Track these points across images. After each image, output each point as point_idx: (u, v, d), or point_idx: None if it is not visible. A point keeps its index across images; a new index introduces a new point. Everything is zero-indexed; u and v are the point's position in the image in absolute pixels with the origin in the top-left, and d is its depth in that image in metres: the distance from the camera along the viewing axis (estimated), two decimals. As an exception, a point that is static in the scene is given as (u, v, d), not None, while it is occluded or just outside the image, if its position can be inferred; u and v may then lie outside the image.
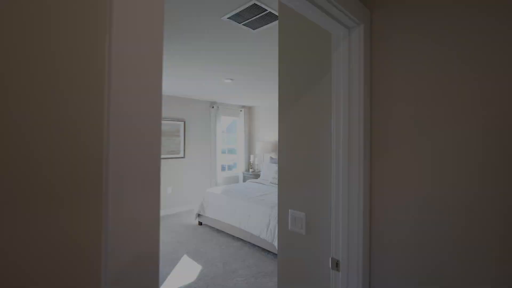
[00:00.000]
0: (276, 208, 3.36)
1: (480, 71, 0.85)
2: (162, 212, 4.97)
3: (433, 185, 0.93)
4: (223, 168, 6.34)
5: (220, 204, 4.04)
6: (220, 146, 5.83)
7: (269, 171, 5.24)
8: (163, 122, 4.95)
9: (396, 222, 1.02)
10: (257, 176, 5.83)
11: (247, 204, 3.67)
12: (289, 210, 1.35)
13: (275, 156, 5.91)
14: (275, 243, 3.13)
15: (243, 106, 6.47)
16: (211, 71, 3.31)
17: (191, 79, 3.70)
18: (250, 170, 6.14)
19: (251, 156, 6.21)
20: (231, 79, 3.70)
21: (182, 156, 5.27)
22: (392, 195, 1.03)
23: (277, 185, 4.96)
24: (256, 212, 3.50)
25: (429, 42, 0.94)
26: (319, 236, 1.20)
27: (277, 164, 5.29)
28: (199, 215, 4.40)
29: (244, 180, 6.13)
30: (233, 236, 3.93)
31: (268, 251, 3.41)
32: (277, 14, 1.72)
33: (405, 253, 1.00)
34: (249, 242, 3.69)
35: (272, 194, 4.06)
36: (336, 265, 1.12)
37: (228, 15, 1.76)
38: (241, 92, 4.65)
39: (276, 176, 4.82)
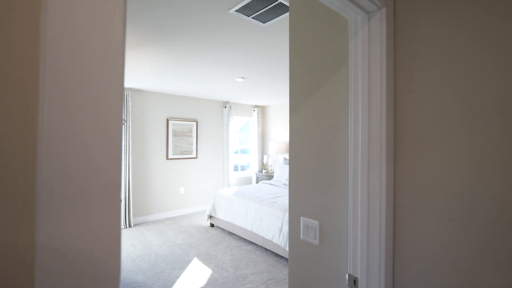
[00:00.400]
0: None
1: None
2: (174, 213, 4.95)
3: (473, 193, 0.78)
4: (235, 168, 6.26)
5: (231, 206, 3.96)
6: (233, 146, 5.75)
7: (283, 172, 5.10)
8: (175, 122, 4.93)
9: (426, 237, 0.87)
10: (270, 177, 5.71)
11: (259, 206, 3.56)
12: (301, 217, 1.22)
13: (289, 157, 5.76)
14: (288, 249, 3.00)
15: (256, 106, 6.37)
16: (223, 70, 3.23)
17: (203, 79, 3.63)
18: (264, 171, 6.03)
19: (264, 157, 6.09)
20: (242, 78, 3.61)
21: (195, 156, 5.23)
22: (420, 205, 0.89)
23: None
24: (268, 216, 3.38)
25: (464, 30, 0.79)
26: (335, 248, 1.07)
27: (288, 165, 5.10)
28: (210, 216, 4.33)
29: (257, 181, 6.03)
30: (244, 239, 3.83)
31: (281, 256, 3.28)
32: (287, 4, 1.59)
33: (436, 275, 0.85)
34: (261, 246, 3.58)
35: (285, 197, 3.93)
36: (354, 283, 0.98)
37: (236, 7, 1.65)
38: (253, 91, 4.55)
39: (290, 177, 4.68)
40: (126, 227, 4.21)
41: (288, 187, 4.66)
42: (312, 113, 1.14)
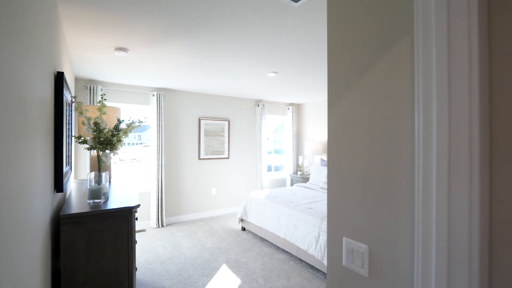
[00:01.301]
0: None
1: None
2: (206, 214, 4.87)
3: None
4: (269, 168, 6.02)
5: (263, 210, 3.72)
6: (266, 146, 5.52)
7: (319, 174, 4.73)
8: (207, 121, 4.85)
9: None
10: (305, 179, 5.36)
11: (293, 212, 3.27)
12: (343, 238, 0.93)
13: (326, 158, 5.35)
14: (326, 262, 2.67)
15: (291, 104, 6.06)
16: (254, 64, 3.00)
17: (233, 75, 3.45)
18: (299, 172, 5.70)
19: (300, 158, 5.76)
20: (275, 72, 3.35)
21: (227, 156, 5.10)
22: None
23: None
24: (303, 223, 3.08)
25: None
26: (392, 284, 0.76)
27: (326, 167, 4.73)
28: (242, 220, 4.14)
29: (292, 184, 5.72)
30: (277, 246, 3.57)
31: (317, 270, 2.96)
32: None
33: None
34: (295, 256, 3.28)
35: (322, 202, 3.58)
36: None
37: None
38: (287, 87, 4.26)
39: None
40: (159, 227, 4.21)
41: (325, 191, 4.30)
42: (359, 103, 0.85)
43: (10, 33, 0.74)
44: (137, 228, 4.15)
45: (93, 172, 1.64)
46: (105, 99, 1.74)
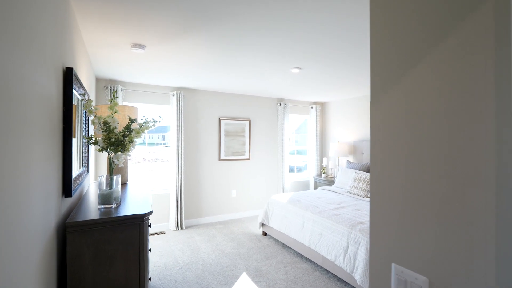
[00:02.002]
0: (358, 228, 2.61)
1: None
2: (225, 217, 4.73)
3: None
4: (291, 169, 5.78)
5: (285, 215, 3.50)
6: (288, 147, 5.28)
7: (346, 177, 4.42)
8: (227, 121, 4.70)
9: None
10: (330, 182, 5.06)
11: (318, 219, 3.02)
12: (392, 264, 0.71)
13: (353, 159, 5.02)
14: (356, 276, 2.40)
15: (314, 103, 5.77)
16: (276, 60, 2.80)
17: (254, 72, 3.27)
18: (323, 175, 5.40)
19: (324, 159, 5.46)
20: (298, 68, 3.12)
21: (247, 157, 4.93)
22: None
23: (357, 196, 4.12)
24: (329, 231, 2.82)
25: None
26: None
27: (355, 170, 4.44)
28: (263, 224, 3.95)
29: (316, 187, 5.43)
30: (300, 254, 3.33)
31: (346, 283, 2.69)
32: None
33: None
34: (320, 266, 3.03)
35: (350, 208, 3.30)
36: None
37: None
38: (311, 84, 4.00)
39: (356, 184, 3.99)
40: (178, 229, 4.12)
41: (354, 196, 3.99)
42: (416, 90, 0.62)
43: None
44: (156, 230, 4.09)
45: (104, 175, 1.52)
46: (117, 97, 1.61)
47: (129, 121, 1.58)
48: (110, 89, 3.61)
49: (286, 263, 3.08)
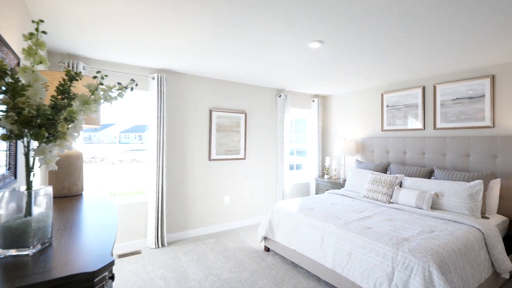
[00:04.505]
0: (406, 247, 1.97)
1: None
2: (217, 228, 3.95)
3: None
4: (291, 168, 5.10)
5: (296, 228, 2.80)
6: (288, 145, 4.59)
7: (359, 179, 3.80)
8: (220, 113, 3.93)
9: None
10: (335, 184, 4.44)
11: (345, 233, 2.35)
12: None
13: (362, 158, 4.43)
14: (413, 317, 1.75)
15: (316, 95, 5.14)
16: (289, 33, 2.09)
17: (259, 51, 2.54)
18: (326, 176, 4.77)
19: (327, 159, 4.83)
20: (320, 42, 2.43)
21: (243, 157, 4.18)
22: None
23: (377, 202, 3.33)
24: (363, 250, 2.16)
25: None
26: None
27: (371, 171, 3.75)
28: (265, 238, 3.23)
29: (317, 189, 4.79)
30: (318, 277, 2.65)
31: (389, 321, 2.03)
32: None
33: None
34: (348, 295, 2.36)
35: (377, 217, 2.66)
36: None
37: None
38: (332, 64, 3.33)
39: (375, 187, 3.37)
40: (158, 247, 3.29)
41: (374, 201, 3.31)
42: None
43: None
44: (128, 250, 3.23)
45: (7, 191, 0.74)
46: (42, 32, 0.83)
47: (66, 79, 0.80)
48: (68, 67, 2.74)
49: (302, 292, 2.38)
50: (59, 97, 0.80)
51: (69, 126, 0.82)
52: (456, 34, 2.24)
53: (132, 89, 0.98)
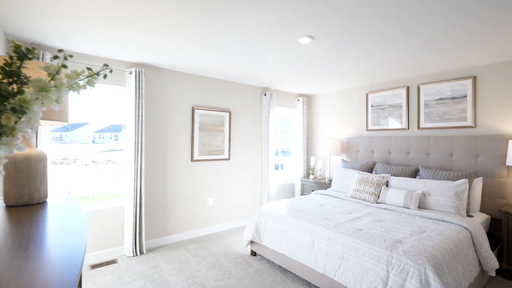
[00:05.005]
0: (400, 249, 1.91)
1: None
2: (200, 232, 3.75)
3: None
4: (276, 168, 4.99)
5: (285, 231, 2.69)
6: (274, 145, 4.48)
7: (345, 179, 3.77)
8: (203, 112, 3.74)
9: None
10: (321, 184, 4.39)
11: (335, 236, 2.26)
12: None
13: (347, 158, 4.41)
14: (410, 323, 1.68)
15: (301, 95, 5.08)
16: (279, 26, 1.97)
17: (247, 45, 2.40)
18: (311, 176, 4.72)
19: (312, 159, 4.78)
20: (310, 37, 2.33)
21: (227, 157, 4.02)
22: None
23: (365, 202, 3.22)
24: (356, 253, 2.08)
25: None
26: None
27: (358, 171, 3.71)
28: (252, 241, 3.09)
29: (303, 190, 4.72)
30: (308, 282, 2.55)
31: (384, 327, 1.96)
32: None
33: None
34: (340, 301, 2.27)
35: (367, 218, 2.61)
36: None
37: None
38: (321, 61, 3.25)
39: (362, 187, 3.34)
40: (136, 255, 3.05)
41: (362, 201, 3.24)
42: None
43: None
44: (103, 259, 2.96)
45: None
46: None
47: (15, 57, 0.62)
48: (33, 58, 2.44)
49: (293, 299, 2.27)
50: (5, 80, 0.62)
51: (20, 119, 0.63)
52: (438, 36, 2.24)
53: (105, 76, 0.80)
